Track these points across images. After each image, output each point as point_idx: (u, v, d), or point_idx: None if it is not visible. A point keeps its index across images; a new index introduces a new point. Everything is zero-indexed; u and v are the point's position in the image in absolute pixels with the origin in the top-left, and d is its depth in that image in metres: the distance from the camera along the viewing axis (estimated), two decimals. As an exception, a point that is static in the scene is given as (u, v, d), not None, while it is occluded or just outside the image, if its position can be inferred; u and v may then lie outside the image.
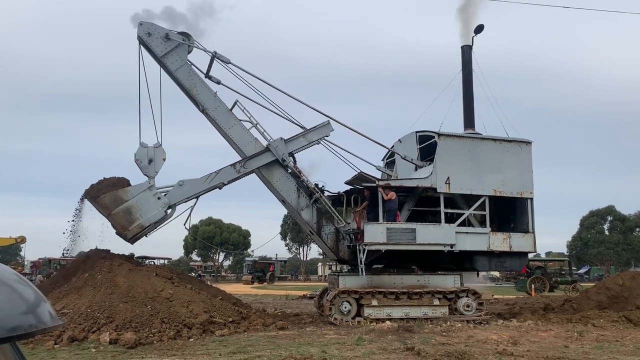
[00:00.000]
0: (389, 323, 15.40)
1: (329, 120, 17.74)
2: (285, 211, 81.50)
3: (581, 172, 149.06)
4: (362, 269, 16.24)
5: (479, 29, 21.35)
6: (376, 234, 16.37)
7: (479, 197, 17.71)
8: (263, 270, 64.26)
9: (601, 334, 13.67)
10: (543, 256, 79.00)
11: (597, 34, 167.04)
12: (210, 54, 17.38)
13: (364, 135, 18.27)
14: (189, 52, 17.47)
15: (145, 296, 14.00)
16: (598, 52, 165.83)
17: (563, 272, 39.90)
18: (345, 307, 16.19)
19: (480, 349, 11.15)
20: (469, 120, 20.38)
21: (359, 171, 18.38)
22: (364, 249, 16.17)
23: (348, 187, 18.88)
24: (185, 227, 17.48)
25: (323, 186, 17.98)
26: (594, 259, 74.29)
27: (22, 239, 59.43)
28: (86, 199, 16.65)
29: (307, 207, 17.70)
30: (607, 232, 77.61)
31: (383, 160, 21.13)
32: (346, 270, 19.51)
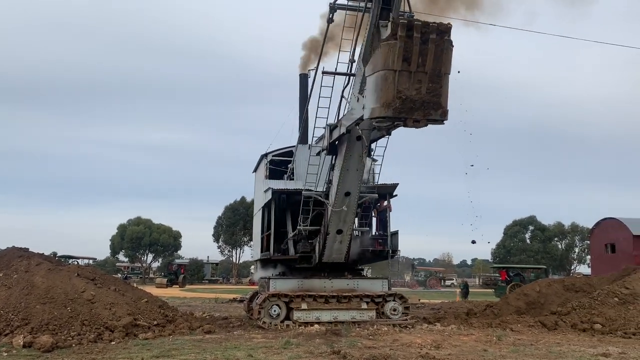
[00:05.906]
0: (317, 326, 15.48)
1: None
2: (219, 213, 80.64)
3: (507, 183, 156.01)
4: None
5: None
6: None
7: None
8: (176, 273, 62.81)
9: (518, 338, 14.32)
10: (469, 262, 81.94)
11: (519, 50, 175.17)
12: None
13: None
14: None
15: (65, 297, 13.42)
16: (526, 68, 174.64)
17: (540, 279, 41.81)
18: (275, 311, 16.14)
19: (404, 353, 11.42)
20: (303, 138, 20.64)
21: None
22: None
23: None
24: None
25: None
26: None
27: None
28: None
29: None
30: (528, 241, 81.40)
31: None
32: (277, 273, 19.47)
